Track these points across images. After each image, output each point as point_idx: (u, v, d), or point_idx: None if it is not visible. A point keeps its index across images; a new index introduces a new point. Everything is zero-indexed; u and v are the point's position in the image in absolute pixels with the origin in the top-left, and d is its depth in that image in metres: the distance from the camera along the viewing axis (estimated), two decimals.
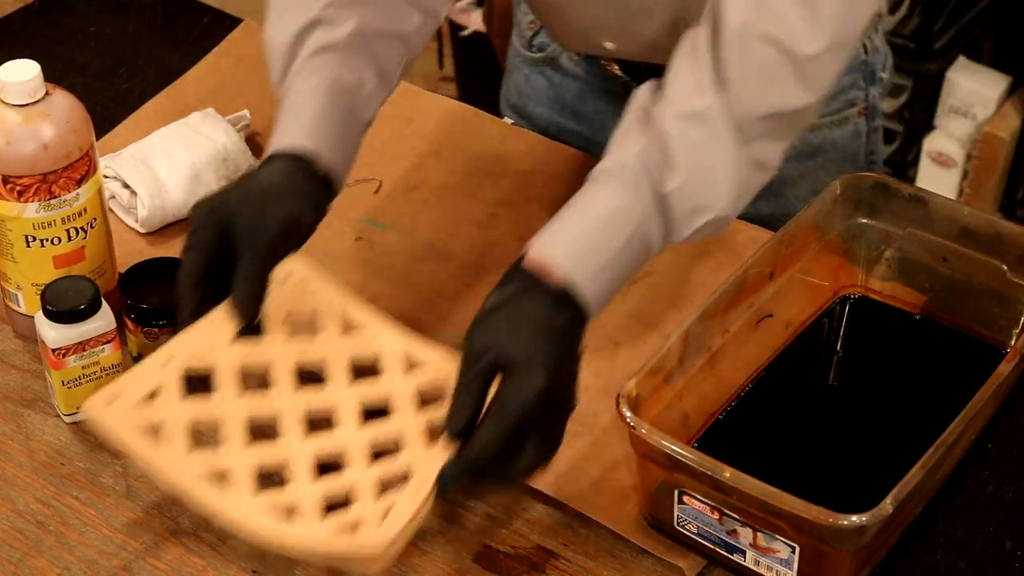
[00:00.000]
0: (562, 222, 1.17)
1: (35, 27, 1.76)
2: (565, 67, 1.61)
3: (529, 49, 1.64)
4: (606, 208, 1.17)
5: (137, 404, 1.17)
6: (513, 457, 1.11)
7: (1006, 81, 2.83)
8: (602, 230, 1.16)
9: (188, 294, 1.21)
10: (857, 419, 1.31)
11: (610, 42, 1.48)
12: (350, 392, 1.22)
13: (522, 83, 1.67)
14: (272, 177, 1.22)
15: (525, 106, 1.68)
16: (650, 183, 1.16)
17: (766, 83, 1.17)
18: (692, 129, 1.16)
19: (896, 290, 1.38)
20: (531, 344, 1.11)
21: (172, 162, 1.50)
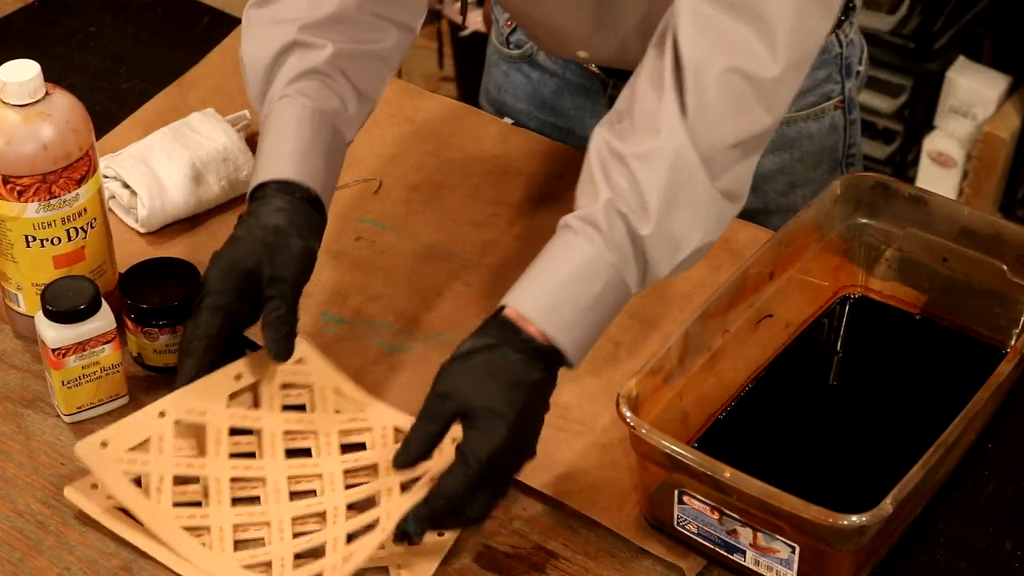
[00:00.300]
0: (535, 276, 1.17)
1: (35, 27, 1.76)
2: (542, 64, 1.62)
3: (506, 46, 1.65)
4: (578, 260, 1.16)
5: (127, 452, 1.21)
6: (469, 503, 1.14)
7: (1006, 81, 2.83)
8: (576, 283, 1.15)
9: (199, 354, 1.23)
10: (857, 419, 1.31)
11: (583, 51, 1.49)
12: (334, 459, 1.26)
13: (501, 79, 1.68)
14: (278, 219, 1.25)
15: (504, 101, 1.68)
16: (624, 230, 1.15)
17: (732, 113, 1.15)
18: (663, 170, 1.14)
19: (896, 290, 1.38)
20: (497, 396, 1.13)
21: (172, 162, 1.50)
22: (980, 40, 2.87)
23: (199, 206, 1.50)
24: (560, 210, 1.50)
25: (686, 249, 1.17)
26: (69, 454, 1.28)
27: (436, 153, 1.59)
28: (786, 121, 1.52)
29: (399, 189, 1.54)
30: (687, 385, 1.24)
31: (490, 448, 1.12)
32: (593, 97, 1.59)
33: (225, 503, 1.22)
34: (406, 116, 1.63)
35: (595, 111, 1.59)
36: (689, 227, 1.16)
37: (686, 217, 1.16)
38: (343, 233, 1.49)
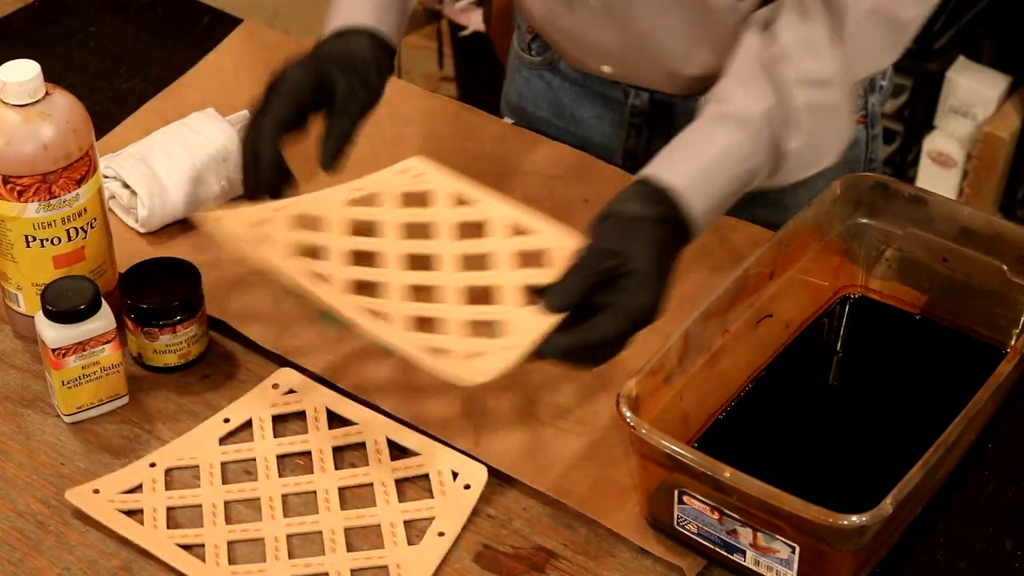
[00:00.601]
0: (687, 154, 1.28)
1: (35, 27, 1.76)
2: (563, 72, 1.61)
3: (528, 52, 1.64)
4: (727, 148, 1.27)
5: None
6: (604, 351, 1.22)
7: (1006, 81, 2.83)
8: (722, 169, 1.27)
9: (271, 136, 1.31)
10: (857, 419, 1.31)
11: (608, 67, 1.50)
12: (453, 244, 1.32)
13: (522, 85, 1.67)
14: (364, 52, 1.36)
15: (524, 108, 1.68)
16: (771, 138, 1.28)
17: (875, 50, 1.30)
18: (817, 96, 1.28)
19: (896, 290, 1.38)
20: (652, 262, 1.22)
21: (172, 162, 1.50)
22: (980, 40, 2.87)
23: (199, 206, 1.50)
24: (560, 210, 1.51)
25: (816, 168, 1.32)
26: (69, 454, 1.28)
27: (436, 153, 1.58)
28: None
29: None
30: (687, 385, 1.24)
31: (640, 307, 1.20)
32: (614, 107, 1.59)
33: (340, 262, 1.23)
34: (406, 116, 1.63)
35: (615, 120, 1.59)
36: (829, 150, 1.32)
37: (828, 142, 1.31)
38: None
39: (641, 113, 1.56)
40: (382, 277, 1.30)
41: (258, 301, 1.41)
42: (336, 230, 1.33)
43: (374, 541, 1.22)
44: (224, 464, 1.27)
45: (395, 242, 1.33)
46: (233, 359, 1.37)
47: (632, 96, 1.56)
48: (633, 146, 1.59)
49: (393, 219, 1.35)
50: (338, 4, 1.41)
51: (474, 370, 1.19)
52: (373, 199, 1.37)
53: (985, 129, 2.81)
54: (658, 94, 1.54)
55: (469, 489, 1.24)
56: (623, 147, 1.60)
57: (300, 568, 1.19)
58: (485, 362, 1.20)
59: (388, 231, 1.34)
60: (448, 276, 1.30)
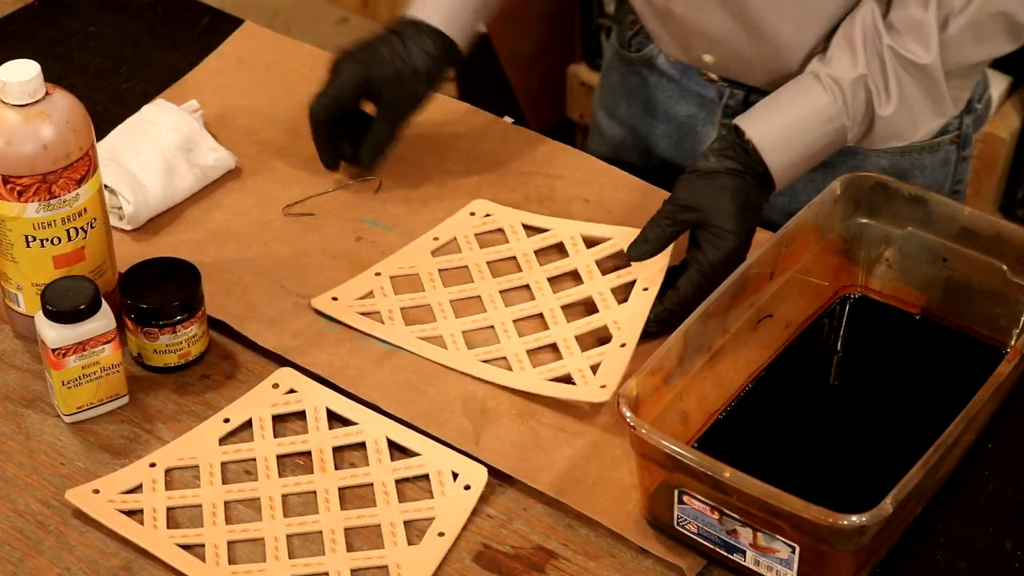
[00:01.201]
0: (777, 111, 1.39)
1: (35, 27, 1.76)
2: (661, 68, 1.62)
3: (627, 48, 1.65)
4: (813, 109, 1.38)
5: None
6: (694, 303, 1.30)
7: (1006, 81, 2.83)
8: (806, 128, 1.38)
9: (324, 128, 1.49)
10: (857, 419, 1.31)
11: (709, 55, 1.52)
12: (541, 270, 1.43)
13: (617, 82, 1.68)
14: (420, 62, 1.48)
15: (617, 105, 1.69)
16: (865, 103, 1.37)
17: (982, 41, 1.37)
18: (915, 73, 1.37)
19: (896, 290, 1.38)
20: (734, 216, 1.34)
21: (142, 158, 1.50)
22: None
23: (178, 195, 1.51)
24: (560, 210, 1.51)
25: (903, 140, 1.42)
26: (69, 454, 1.28)
27: (436, 153, 1.59)
28: (902, 151, 1.53)
29: (399, 189, 1.54)
30: (687, 385, 1.24)
31: (722, 259, 1.33)
32: (708, 106, 1.59)
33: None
34: None
35: (708, 120, 1.59)
36: (920, 122, 1.40)
37: (918, 112, 1.39)
38: (343, 233, 1.49)
39: (734, 113, 1.55)
40: (489, 320, 1.39)
41: (258, 301, 1.41)
42: (434, 283, 1.42)
43: (374, 541, 1.22)
44: (224, 464, 1.27)
45: (489, 281, 1.42)
46: (233, 359, 1.37)
47: (727, 96, 1.56)
48: None
49: (479, 259, 1.44)
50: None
51: (598, 388, 1.30)
52: (454, 245, 1.46)
53: (985, 129, 2.81)
54: (754, 93, 1.54)
55: (469, 489, 1.24)
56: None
57: (300, 568, 1.19)
58: (606, 371, 1.31)
59: (479, 272, 1.43)
60: (548, 300, 1.40)
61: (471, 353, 1.35)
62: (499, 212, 1.49)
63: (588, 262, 1.43)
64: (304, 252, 1.46)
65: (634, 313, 1.36)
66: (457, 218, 1.49)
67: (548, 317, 1.38)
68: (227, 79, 1.67)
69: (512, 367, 1.34)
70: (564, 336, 1.36)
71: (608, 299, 1.39)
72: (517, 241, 1.46)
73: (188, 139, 1.53)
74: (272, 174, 1.56)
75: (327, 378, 1.34)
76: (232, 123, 1.61)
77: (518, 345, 1.36)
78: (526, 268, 1.43)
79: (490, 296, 1.41)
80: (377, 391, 1.33)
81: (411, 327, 1.38)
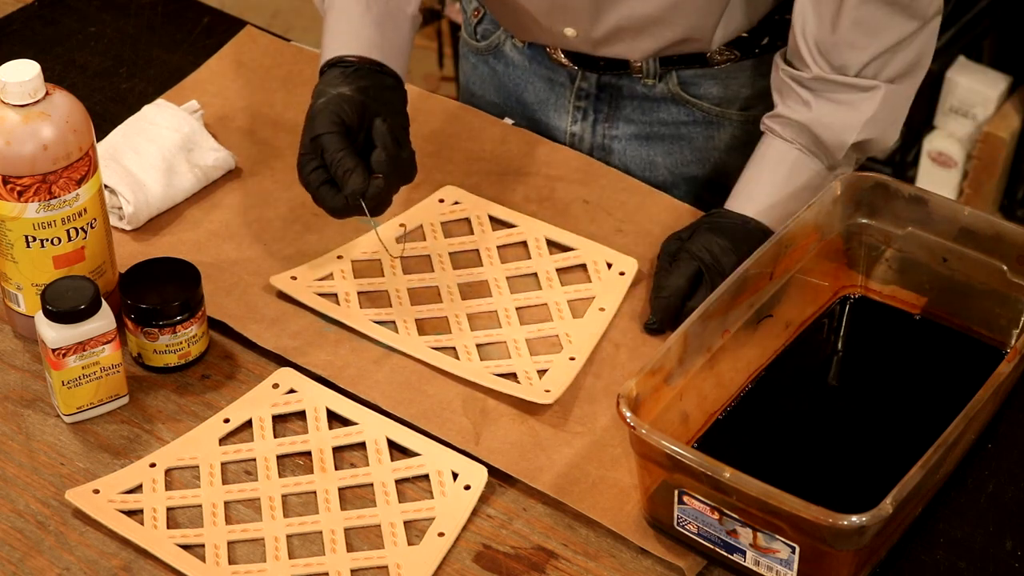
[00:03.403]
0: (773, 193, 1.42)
1: (35, 27, 1.76)
2: (508, 55, 1.63)
3: (474, 37, 1.67)
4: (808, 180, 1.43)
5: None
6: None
7: (1006, 81, 2.83)
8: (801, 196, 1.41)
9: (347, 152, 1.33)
10: (857, 419, 1.31)
11: (570, 28, 1.51)
12: (502, 268, 1.43)
13: (469, 71, 1.70)
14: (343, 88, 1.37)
15: (473, 92, 1.71)
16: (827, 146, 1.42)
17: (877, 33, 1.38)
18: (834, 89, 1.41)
19: (896, 290, 1.38)
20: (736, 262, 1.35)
21: (142, 158, 1.50)
22: (980, 40, 2.87)
23: (178, 195, 1.51)
24: (560, 210, 1.51)
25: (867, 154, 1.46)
26: (69, 454, 1.28)
27: (436, 153, 1.59)
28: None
29: None
30: (687, 385, 1.24)
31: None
32: (558, 90, 1.60)
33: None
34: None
35: (559, 104, 1.61)
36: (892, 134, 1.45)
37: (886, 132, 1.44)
38: (343, 233, 1.48)
39: (587, 96, 1.58)
40: (443, 312, 1.39)
41: (258, 301, 1.41)
42: (395, 270, 1.43)
43: (374, 541, 1.22)
44: (224, 464, 1.27)
45: (449, 272, 1.43)
46: (233, 359, 1.37)
47: (579, 78, 1.57)
48: (578, 131, 1.61)
49: (442, 249, 1.45)
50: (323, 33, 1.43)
51: (542, 391, 1.30)
52: (419, 233, 1.47)
53: (985, 129, 2.81)
54: (605, 75, 1.55)
55: (469, 489, 1.24)
56: (568, 131, 1.62)
57: (300, 568, 1.19)
58: (552, 378, 1.32)
59: (440, 263, 1.44)
60: (504, 299, 1.40)
61: (421, 339, 1.36)
62: (467, 200, 1.50)
63: (549, 268, 1.43)
64: (304, 252, 1.46)
65: (588, 330, 1.37)
66: (424, 205, 1.50)
67: (502, 316, 1.39)
68: (227, 81, 1.67)
69: (460, 357, 1.35)
70: (515, 337, 1.37)
71: (564, 311, 1.39)
72: (483, 234, 1.47)
73: (188, 139, 1.53)
74: (272, 174, 1.56)
75: (327, 378, 1.34)
76: (232, 123, 1.61)
77: (469, 338, 1.37)
78: (487, 264, 1.44)
79: (448, 288, 1.42)
80: (377, 391, 1.33)
81: (365, 310, 1.39)
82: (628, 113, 1.58)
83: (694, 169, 1.60)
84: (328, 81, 1.38)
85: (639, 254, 1.45)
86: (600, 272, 1.42)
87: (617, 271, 1.42)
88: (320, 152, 1.33)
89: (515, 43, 1.61)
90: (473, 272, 1.43)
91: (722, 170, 1.59)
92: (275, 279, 1.41)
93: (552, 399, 1.29)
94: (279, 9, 3.38)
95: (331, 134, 1.32)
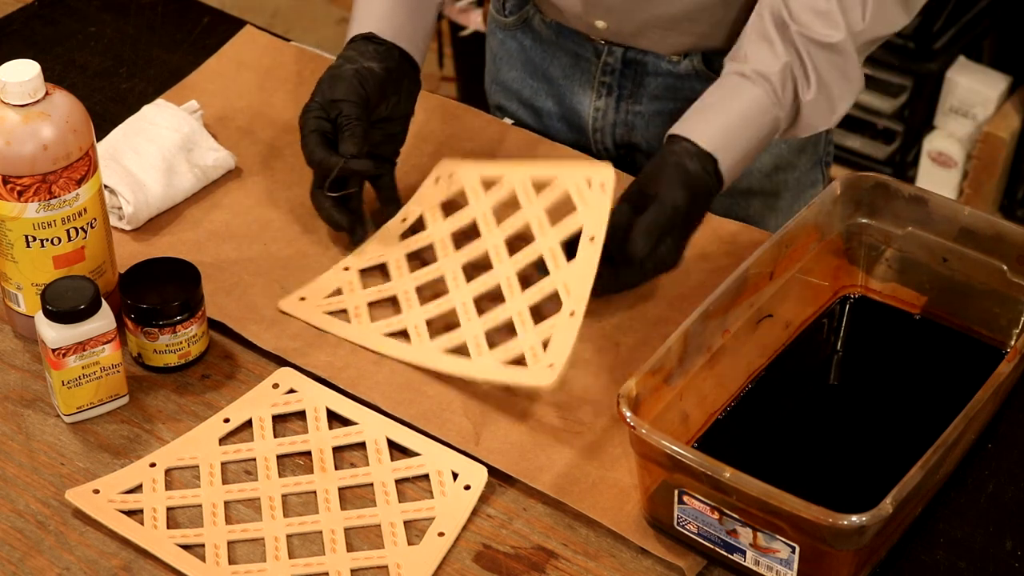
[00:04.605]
0: (714, 115, 1.39)
1: (35, 27, 1.76)
2: (536, 29, 1.64)
3: (502, 13, 1.67)
4: (751, 106, 1.39)
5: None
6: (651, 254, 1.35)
7: (1006, 81, 2.83)
8: (746, 125, 1.39)
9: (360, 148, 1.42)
10: (857, 419, 1.31)
11: (603, 21, 1.52)
12: (498, 231, 1.43)
13: (497, 47, 1.71)
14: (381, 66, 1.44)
15: (499, 70, 1.71)
16: (790, 92, 1.40)
17: (883, 16, 1.40)
18: (828, 54, 1.40)
19: (896, 290, 1.38)
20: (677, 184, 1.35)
21: (142, 158, 1.50)
22: (980, 40, 2.87)
23: (178, 195, 1.51)
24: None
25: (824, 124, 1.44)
26: (69, 454, 1.28)
27: (436, 153, 1.59)
28: None
29: (399, 189, 1.54)
30: (687, 385, 1.24)
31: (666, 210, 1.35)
32: (583, 65, 1.61)
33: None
34: None
35: (584, 80, 1.61)
36: (840, 100, 1.43)
37: (836, 95, 1.42)
38: (343, 234, 1.48)
39: (612, 72, 1.58)
40: (451, 303, 1.40)
41: (258, 301, 1.41)
42: (401, 271, 1.44)
43: (374, 541, 1.22)
44: (224, 464, 1.27)
45: (452, 256, 1.43)
46: (233, 359, 1.37)
47: (605, 53, 1.57)
48: (602, 106, 1.61)
49: (444, 233, 1.45)
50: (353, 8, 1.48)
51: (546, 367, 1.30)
52: (421, 222, 1.48)
53: (985, 129, 2.81)
54: (631, 51, 1.56)
55: (469, 489, 1.24)
56: (592, 106, 1.62)
57: (300, 568, 1.19)
58: (555, 348, 1.31)
59: (444, 248, 1.44)
60: (505, 267, 1.40)
61: (434, 344, 1.36)
62: (461, 170, 1.49)
63: (539, 212, 1.42)
64: (304, 252, 1.46)
65: (582, 271, 1.34)
66: (424, 191, 1.50)
67: (505, 288, 1.39)
68: (227, 81, 1.67)
69: (471, 352, 1.34)
70: (519, 309, 1.36)
71: (558, 256, 1.38)
72: (476, 201, 1.46)
73: (188, 139, 1.53)
74: (272, 174, 1.56)
75: (327, 379, 1.34)
76: (232, 123, 1.61)
77: (478, 326, 1.36)
78: (485, 231, 1.43)
79: (453, 274, 1.42)
80: (377, 392, 1.33)
81: (376, 323, 1.39)
82: (652, 89, 1.58)
83: None
84: (360, 50, 1.45)
85: None
86: (582, 192, 1.39)
87: (598, 184, 1.38)
88: (335, 115, 1.41)
89: (543, 18, 1.62)
90: (474, 248, 1.43)
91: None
92: (284, 303, 1.40)
93: (555, 375, 1.28)
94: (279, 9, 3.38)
95: (351, 103, 1.41)
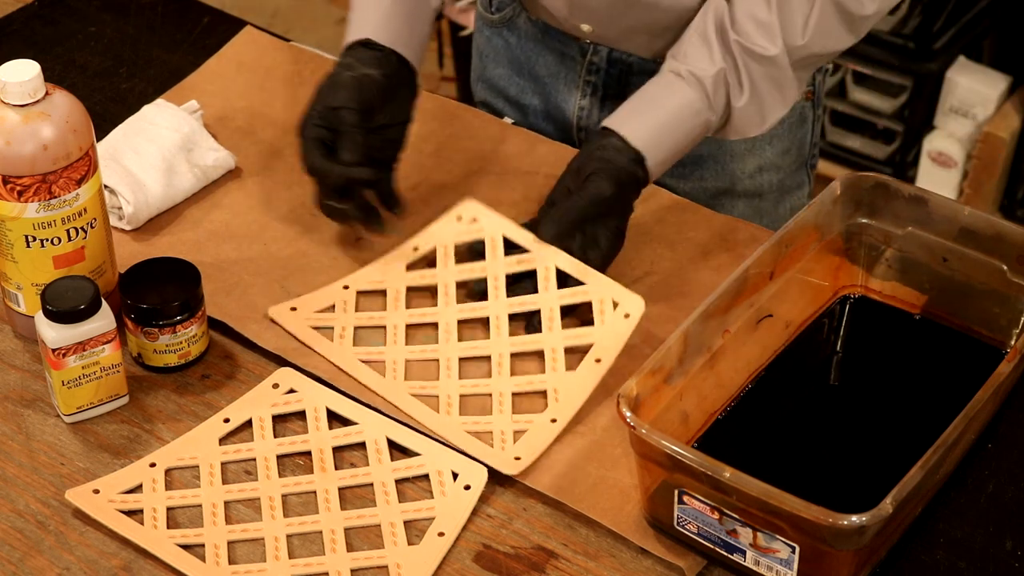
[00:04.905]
0: (644, 110, 1.41)
1: (35, 27, 1.76)
2: (522, 28, 1.64)
3: (489, 10, 1.67)
4: (682, 105, 1.41)
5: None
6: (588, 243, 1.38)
7: (1006, 81, 2.83)
8: (676, 123, 1.41)
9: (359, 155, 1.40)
10: (857, 419, 1.31)
11: (588, 25, 1.53)
12: (506, 303, 1.39)
13: (483, 45, 1.71)
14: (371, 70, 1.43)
15: (486, 67, 1.71)
16: (723, 97, 1.41)
17: (824, 35, 1.41)
18: (764, 66, 1.41)
19: (896, 290, 1.38)
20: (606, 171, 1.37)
21: (142, 158, 1.50)
22: (980, 40, 2.87)
23: (178, 195, 1.51)
24: None
25: (755, 131, 1.45)
26: (69, 454, 1.28)
27: (436, 153, 1.59)
28: None
29: (399, 189, 1.54)
30: (687, 385, 1.24)
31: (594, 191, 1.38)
32: (568, 64, 1.61)
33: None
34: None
35: (569, 79, 1.62)
36: (765, 113, 1.44)
37: (767, 104, 1.44)
38: (343, 234, 1.49)
39: (597, 71, 1.59)
40: (436, 353, 1.36)
41: (258, 301, 1.41)
42: (398, 303, 1.40)
43: (374, 541, 1.22)
44: (224, 464, 1.27)
45: (452, 307, 1.39)
46: (233, 359, 1.37)
47: (590, 53, 1.57)
48: (587, 104, 1.61)
49: (449, 279, 1.42)
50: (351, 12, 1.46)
51: (512, 458, 1.26)
52: (432, 258, 1.44)
53: (985, 129, 2.81)
54: (617, 51, 1.56)
55: (469, 489, 1.24)
56: (577, 105, 1.62)
57: (300, 568, 1.19)
58: (527, 443, 1.27)
59: (446, 295, 1.40)
60: (501, 342, 1.36)
61: (406, 385, 1.32)
62: (486, 219, 1.44)
63: (553, 305, 1.36)
64: (304, 252, 1.46)
65: (578, 386, 1.31)
66: (443, 225, 1.45)
67: (494, 364, 1.34)
68: (227, 82, 1.67)
69: (440, 409, 1.31)
70: (501, 390, 1.32)
71: (558, 360, 1.34)
72: (493, 259, 1.41)
73: (188, 139, 1.53)
74: (272, 174, 1.56)
75: (327, 379, 1.34)
76: (232, 123, 1.61)
77: (454, 387, 1.32)
78: (492, 297, 1.38)
79: (447, 326, 1.37)
80: (378, 391, 1.32)
81: (357, 348, 1.36)
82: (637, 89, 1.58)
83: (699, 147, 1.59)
84: (358, 57, 1.43)
85: (639, 252, 1.45)
86: (604, 313, 1.35)
87: (622, 313, 1.35)
88: (335, 123, 1.40)
89: (529, 16, 1.63)
90: (476, 308, 1.39)
91: (727, 148, 1.59)
92: (273, 310, 1.38)
93: (520, 468, 1.25)
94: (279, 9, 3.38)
95: (350, 110, 1.40)
